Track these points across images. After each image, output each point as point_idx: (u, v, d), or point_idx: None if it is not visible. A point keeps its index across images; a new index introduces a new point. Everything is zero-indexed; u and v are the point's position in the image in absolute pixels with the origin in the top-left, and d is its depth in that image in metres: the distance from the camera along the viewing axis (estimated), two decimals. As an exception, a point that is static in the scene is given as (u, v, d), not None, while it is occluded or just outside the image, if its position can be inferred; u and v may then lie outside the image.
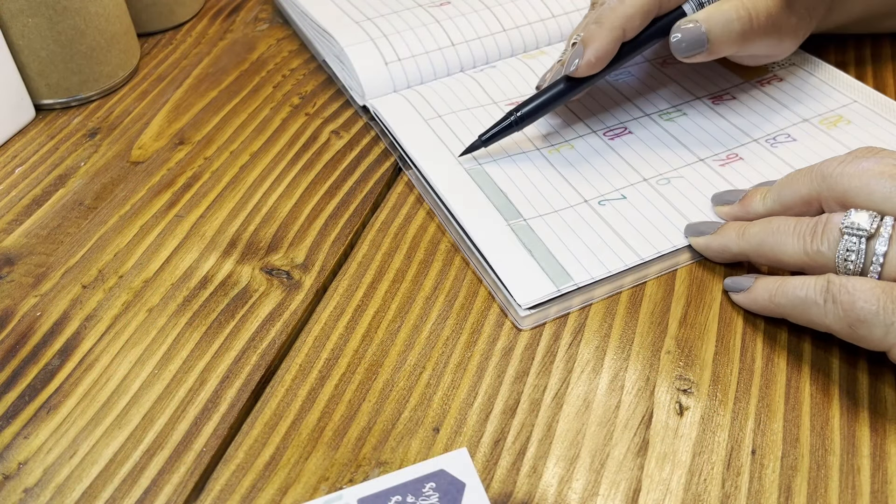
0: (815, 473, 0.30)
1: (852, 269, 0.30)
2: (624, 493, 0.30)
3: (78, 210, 0.43)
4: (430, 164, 0.43)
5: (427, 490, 0.29)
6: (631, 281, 0.37)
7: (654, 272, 0.38)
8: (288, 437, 0.32)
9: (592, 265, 0.37)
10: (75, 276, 0.39)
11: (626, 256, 0.38)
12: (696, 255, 0.38)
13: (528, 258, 0.38)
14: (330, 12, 0.52)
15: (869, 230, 0.30)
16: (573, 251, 0.38)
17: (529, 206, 0.40)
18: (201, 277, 0.38)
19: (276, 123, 0.48)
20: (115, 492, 0.30)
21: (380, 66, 0.48)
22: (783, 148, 0.43)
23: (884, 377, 0.33)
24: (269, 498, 0.30)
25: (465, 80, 0.49)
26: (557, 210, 0.40)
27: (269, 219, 0.41)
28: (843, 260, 0.31)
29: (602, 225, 0.39)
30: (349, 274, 0.38)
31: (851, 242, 0.30)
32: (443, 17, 0.50)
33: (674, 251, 0.38)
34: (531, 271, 0.37)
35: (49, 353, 0.35)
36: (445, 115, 0.46)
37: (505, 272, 0.37)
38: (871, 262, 0.30)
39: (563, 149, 0.44)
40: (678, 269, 0.37)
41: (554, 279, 0.37)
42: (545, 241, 0.39)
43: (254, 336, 0.36)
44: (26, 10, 0.45)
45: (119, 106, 0.50)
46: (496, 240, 0.39)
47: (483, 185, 0.42)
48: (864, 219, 0.30)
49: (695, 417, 0.32)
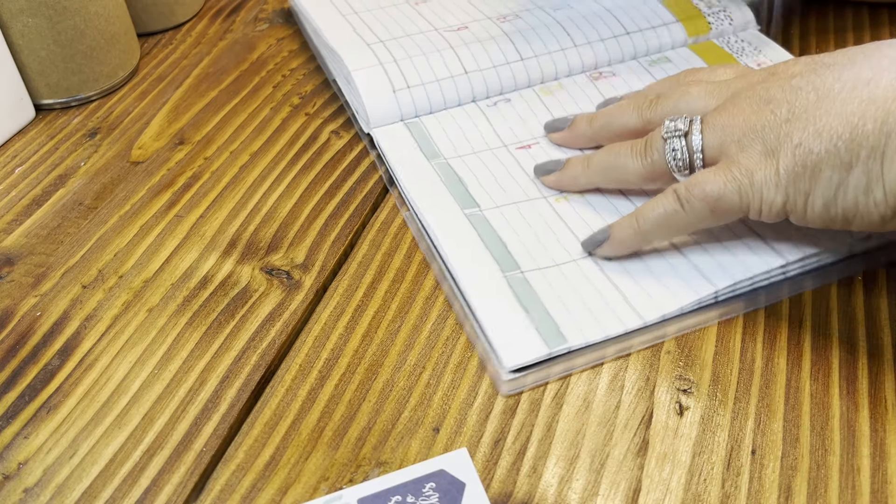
0: (815, 473, 0.30)
1: (681, 165, 0.35)
2: (624, 493, 0.30)
3: (78, 210, 0.43)
4: (427, 207, 0.40)
5: (427, 490, 0.29)
6: (615, 351, 0.34)
7: (644, 341, 0.34)
8: (288, 437, 0.32)
9: (590, 328, 0.34)
10: (75, 276, 0.39)
11: (627, 320, 0.34)
12: (705, 319, 0.35)
13: (521, 314, 0.35)
14: (343, 32, 0.50)
15: (684, 129, 0.35)
16: (571, 311, 0.35)
17: (529, 259, 0.37)
18: (201, 277, 0.38)
19: (276, 123, 0.48)
20: (115, 492, 0.30)
21: (387, 94, 0.45)
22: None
23: (884, 377, 0.33)
24: (269, 498, 0.30)
25: (476, 115, 0.46)
26: (558, 264, 0.37)
27: (269, 219, 0.41)
28: (673, 160, 0.35)
29: (605, 282, 0.36)
30: (349, 274, 0.38)
31: (673, 143, 0.35)
32: (458, 43, 0.48)
33: (679, 315, 0.35)
34: (523, 329, 0.34)
35: (49, 353, 0.35)
36: (451, 159, 0.43)
37: (493, 329, 0.34)
38: (694, 154, 0.35)
39: (571, 198, 0.40)
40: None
41: (547, 340, 0.34)
42: (541, 296, 0.35)
43: (254, 336, 0.36)
44: (26, 10, 0.45)
45: (119, 106, 0.50)
46: (488, 292, 0.36)
47: (482, 233, 0.39)
48: (679, 122, 0.35)
49: (695, 417, 0.32)
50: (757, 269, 0.36)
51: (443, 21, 0.51)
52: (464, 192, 0.41)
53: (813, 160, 0.31)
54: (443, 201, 0.41)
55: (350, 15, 0.52)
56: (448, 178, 0.42)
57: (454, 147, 0.44)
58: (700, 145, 0.35)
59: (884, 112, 0.30)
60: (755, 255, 0.36)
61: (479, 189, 0.41)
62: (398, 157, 0.43)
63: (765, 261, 0.36)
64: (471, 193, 0.41)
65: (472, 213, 0.40)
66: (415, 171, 0.43)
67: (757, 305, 0.35)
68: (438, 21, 0.51)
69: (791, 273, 0.36)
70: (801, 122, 0.32)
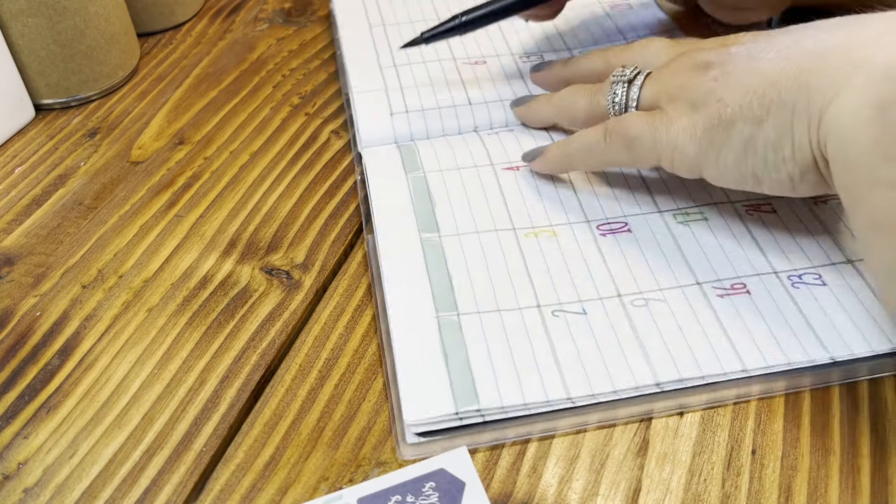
0: (815, 473, 0.30)
1: (618, 109, 0.38)
2: (624, 493, 0.30)
3: (78, 210, 0.43)
4: (384, 228, 0.38)
5: (427, 490, 0.29)
6: (541, 430, 0.31)
7: (569, 424, 0.31)
8: (288, 437, 0.32)
9: (509, 391, 0.31)
10: (75, 276, 0.39)
11: (552, 390, 0.31)
12: (641, 411, 0.31)
13: (440, 364, 0.32)
14: (362, 50, 0.49)
15: (629, 76, 0.38)
16: (495, 367, 0.32)
17: (471, 299, 0.34)
18: (201, 277, 0.38)
19: (276, 123, 0.48)
20: (114, 492, 0.30)
21: (384, 117, 0.44)
22: (805, 291, 0.34)
23: (884, 377, 0.33)
24: (269, 498, 0.30)
25: (473, 140, 0.44)
26: (501, 310, 0.34)
27: (269, 219, 0.41)
28: (611, 102, 0.38)
29: (543, 342, 0.33)
30: (349, 274, 0.38)
31: (616, 87, 0.38)
32: (470, 78, 0.47)
33: (612, 402, 0.31)
34: (436, 382, 0.31)
35: (49, 353, 0.35)
36: (430, 173, 0.41)
37: (406, 378, 0.31)
38: (630, 101, 0.37)
39: (542, 235, 0.37)
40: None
41: (457, 397, 0.31)
42: (469, 345, 0.32)
43: (253, 336, 0.36)
44: (26, 10, 0.45)
45: (119, 106, 0.50)
46: (415, 335, 0.33)
47: (430, 263, 0.36)
48: (628, 70, 0.38)
49: (695, 417, 0.32)
50: (707, 372, 0.32)
51: (464, 50, 0.49)
52: (429, 214, 0.39)
53: (728, 114, 0.32)
54: (404, 224, 0.38)
55: (377, 27, 0.52)
56: (418, 196, 0.40)
57: (437, 161, 0.42)
58: (637, 95, 0.37)
59: (797, 69, 0.30)
60: (713, 352, 0.32)
61: (447, 211, 0.39)
62: (378, 177, 0.41)
63: (725, 363, 0.32)
64: (435, 215, 0.39)
65: (428, 239, 0.37)
66: (388, 185, 0.41)
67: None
68: (459, 49, 0.50)
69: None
70: (727, 80, 0.33)
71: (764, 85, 0.31)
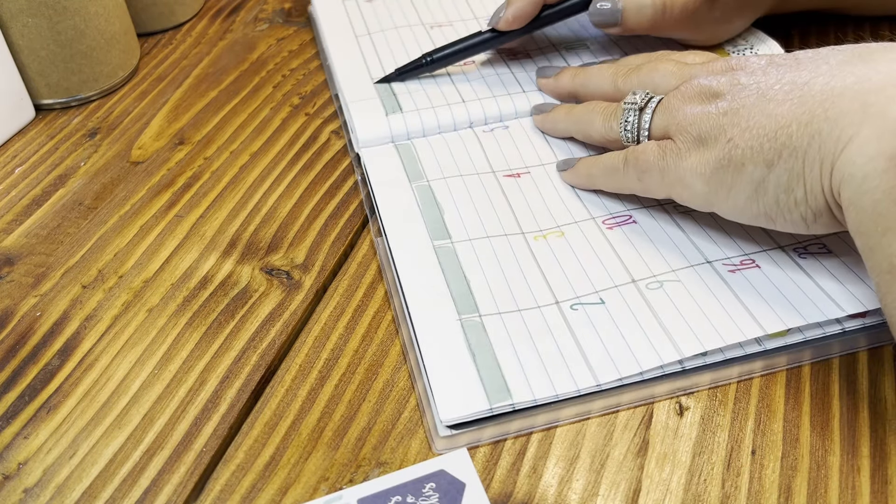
0: (815, 473, 0.30)
1: (630, 136, 0.38)
2: (624, 493, 0.30)
3: (78, 210, 0.43)
4: (397, 238, 0.38)
5: (427, 490, 0.29)
6: (572, 414, 0.32)
7: (601, 408, 0.32)
8: (288, 437, 0.32)
9: (540, 386, 0.32)
10: (75, 276, 0.39)
11: (581, 380, 0.32)
12: (670, 390, 0.32)
13: (468, 363, 0.33)
14: (351, 62, 0.50)
15: (640, 104, 0.38)
16: (523, 364, 0.33)
17: (490, 301, 0.35)
18: (201, 277, 0.38)
19: (276, 123, 0.48)
20: (115, 492, 0.30)
21: (380, 120, 0.45)
22: (812, 260, 0.36)
23: (884, 377, 0.33)
24: (269, 498, 0.30)
25: (470, 140, 0.44)
26: (521, 309, 0.35)
27: (269, 219, 0.41)
28: (623, 130, 0.38)
29: (567, 336, 0.33)
30: (349, 274, 0.38)
31: (627, 115, 0.38)
32: (459, 76, 0.48)
33: (643, 381, 0.32)
34: (467, 381, 0.32)
35: (49, 353, 0.35)
36: (434, 181, 0.41)
37: (436, 379, 0.32)
38: (642, 129, 0.38)
39: (550, 236, 0.38)
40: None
41: (490, 394, 0.31)
42: (494, 345, 0.33)
43: (254, 336, 0.36)
44: (26, 10, 0.45)
45: (119, 106, 0.50)
46: (440, 337, 0.34)
47: (447, 269, 0.37)
48: (638, 96, 0.38)
49: (695, 418, 0.32)
50: (730, 340, 0.33)
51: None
52: (438, 221, 0.39)
53: (738, 155, 0.32)
54: (414, 230, 0.39)
55: (363, 36, 0.52)
56: (425, 204, 0.40)
57: (440, 168, 0.42)
58: (648, 123, 0.37)
59: (809, 115, 0.30)
60: (732, 322, 0.34)
61: (455, 217, 0.39)
62: (381, 180, 0.42)
63: (745, 329, 0.33)
64: (445, 222, 0.39)
65: (441, 246, 0.38)
66: (394, 194, 0.41)
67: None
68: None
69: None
70: (736, 118, 0.33)
71: (775, 128, 0.31)
